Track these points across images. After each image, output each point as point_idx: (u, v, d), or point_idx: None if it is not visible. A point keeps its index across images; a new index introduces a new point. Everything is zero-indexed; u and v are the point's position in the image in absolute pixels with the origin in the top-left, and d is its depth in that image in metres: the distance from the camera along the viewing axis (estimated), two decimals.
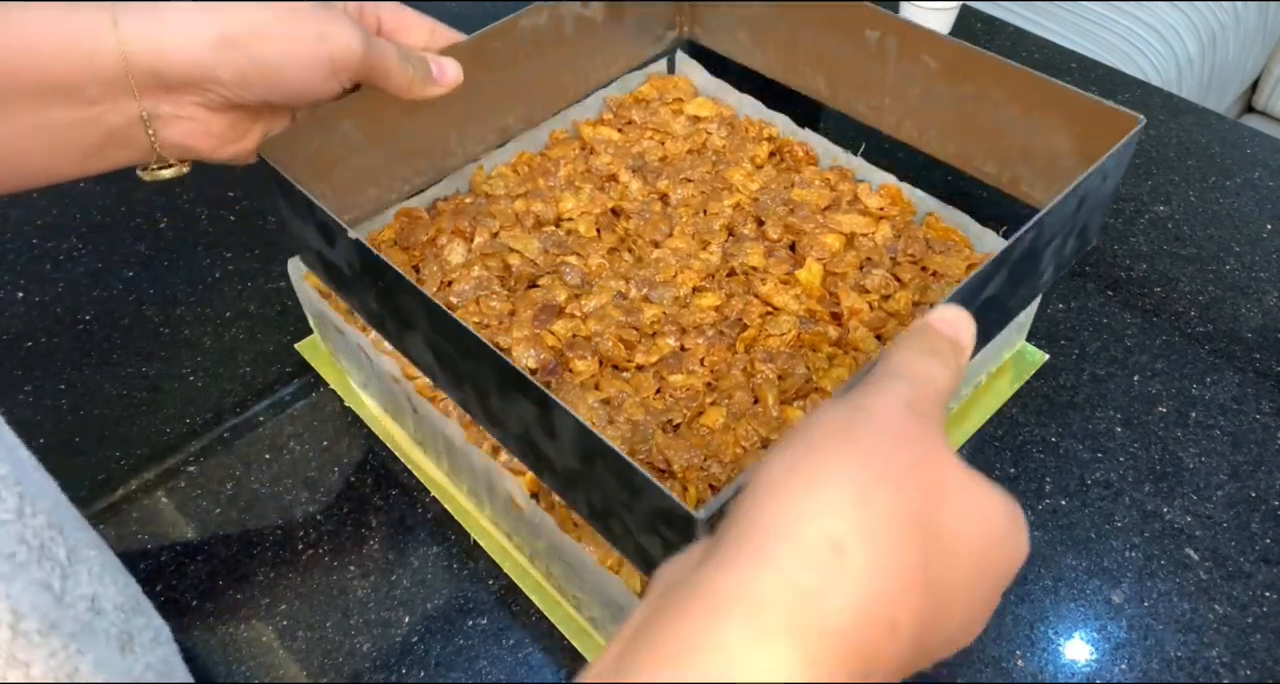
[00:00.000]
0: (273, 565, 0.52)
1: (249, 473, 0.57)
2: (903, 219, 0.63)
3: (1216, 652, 0.49)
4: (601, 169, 0.66)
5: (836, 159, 0.66)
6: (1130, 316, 0.65)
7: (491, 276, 0.59)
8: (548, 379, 0.54)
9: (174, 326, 0.64)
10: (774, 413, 0.52)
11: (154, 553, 0.53)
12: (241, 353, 0.63)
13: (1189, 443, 0.58)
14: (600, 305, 0.58)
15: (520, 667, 0.49)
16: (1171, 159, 0.77)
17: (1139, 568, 0.52)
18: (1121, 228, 0.72)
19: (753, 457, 0.50)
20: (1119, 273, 0.68)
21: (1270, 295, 0.67)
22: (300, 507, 0.55)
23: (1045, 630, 0.50)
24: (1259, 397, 0.60)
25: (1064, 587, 0.52)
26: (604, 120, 0.70)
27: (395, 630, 0.50)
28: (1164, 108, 0.82)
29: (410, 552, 0.53)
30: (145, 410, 0.60)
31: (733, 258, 0.61)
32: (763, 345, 0.56)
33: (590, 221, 0.63)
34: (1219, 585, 0.52)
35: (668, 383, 0.54)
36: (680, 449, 0.51)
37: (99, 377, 0.61)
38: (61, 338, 0.64)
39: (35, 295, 0.66)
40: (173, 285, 0.67)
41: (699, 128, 0.69)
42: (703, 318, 0.57)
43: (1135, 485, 0.56)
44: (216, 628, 0.50)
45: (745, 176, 0.65)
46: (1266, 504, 0.55)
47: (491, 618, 0.51)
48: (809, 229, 0.61)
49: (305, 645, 0.49)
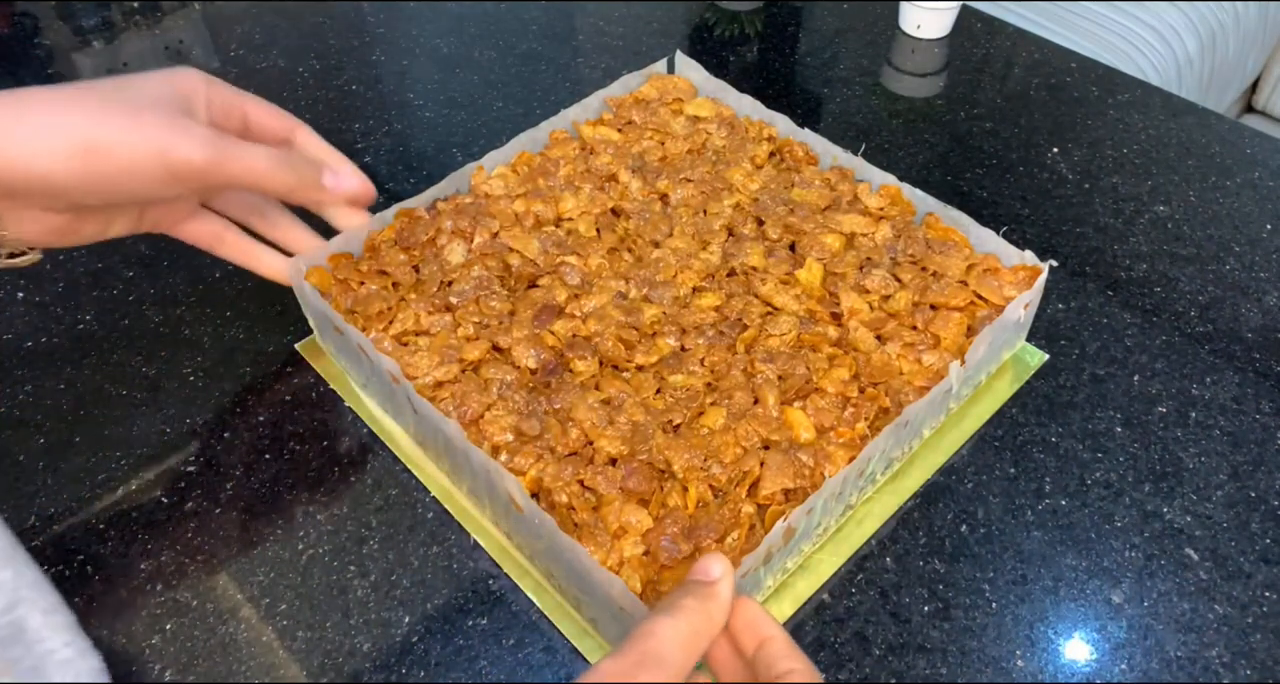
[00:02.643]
0: (273, 565, 0.52)
1: (249, 473, 0.57)
2: (903, 219, 0.63)
3: (1216, 652, 0.49)
4: (601, 169, 0.66)
5: (836, 159, 0.66)
6: (1130, 317, 0.65)
7: (491, 276, 0.59)
8: (548, 379, 0.54)
9: (174, 326, 0.64)
10: (774, 413, 0.52)
11: (154, 553, 0.53)
12: (241, 353, 0.63)
13: (1189, 443, 0.58)
14: (600, 305, 0.58)
15: (520, 667, 0.49)
16: (1171, 159, 0.77)
17: (1139, 568, 0.53)
18: (1121, 228, 0.72)
19: (753, 457, 0.50)
20: (1119, 273, 0.68)
21: (1270, 295, 0.67)
22: (300, 507, 0.55)
23: (1045, 630, 0.50)
24: (1259, 397, 0.60)
25: (1064, 587, 0.52)
26: (604, 120, 0.70)
27: (395, 630, 0.50)
28: (1164, 108, 0.82)
29: (410, 552, 0.53)
30: (145, 410, 0.60)
31: (733, 258, 0.61)
32: (763, 345, 0.56)
33: (590, 221, 0.63)
34: (1219, 585, 0.52)
35: (668, 383, 0.54)
36: (680, 449, 0.51)
37: (99, 377, 0.61)
38: (61, 338, 0.64)
39: (35, 295, 0.66)
40: (173, 285, 0.67)
41: (699, 128, 0.69)
42: (703, 318, 0.57)
43: (1135, 485, 0.56)
44: (217, 628, 0.50)
45: (745, 176, 0.65)
46: (1266, 504, 0.55)
47: (491, 618, 0.51)
48: (809, 229, 0.61)
49: (305, 645, 0.49)
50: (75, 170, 0.45)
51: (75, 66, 0.87)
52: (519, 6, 0.94)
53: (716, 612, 0.38)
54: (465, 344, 0.55)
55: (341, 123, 0.80)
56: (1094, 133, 0.80)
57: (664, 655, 0.35)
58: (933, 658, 0.49)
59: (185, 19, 0.93)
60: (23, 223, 0.48)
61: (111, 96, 0.46)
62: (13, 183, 0.45)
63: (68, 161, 0.45)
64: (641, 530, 0.48)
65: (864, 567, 0.52)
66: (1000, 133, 0.80)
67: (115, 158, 0.45)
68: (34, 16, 0.93)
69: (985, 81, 0.86)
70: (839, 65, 0.87)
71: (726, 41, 0.90)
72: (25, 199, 0.47)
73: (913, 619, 0.50)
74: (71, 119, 0.45)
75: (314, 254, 0.58)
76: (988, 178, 0.76)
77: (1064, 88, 0.84)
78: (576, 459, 0.51)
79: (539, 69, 0.86)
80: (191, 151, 0.47)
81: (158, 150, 0.46)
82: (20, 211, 0.47)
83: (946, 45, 0.89)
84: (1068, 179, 0.75)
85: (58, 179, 0.45)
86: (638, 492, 0.49)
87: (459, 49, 0.89)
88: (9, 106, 0.44)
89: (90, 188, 0.46)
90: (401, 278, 0.59)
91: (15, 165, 0.44)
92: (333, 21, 0.92)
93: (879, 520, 0.54)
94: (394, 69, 0.87)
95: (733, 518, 0.48)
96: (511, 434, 0.51)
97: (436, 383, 0.54)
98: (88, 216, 0.50)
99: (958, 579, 0.52)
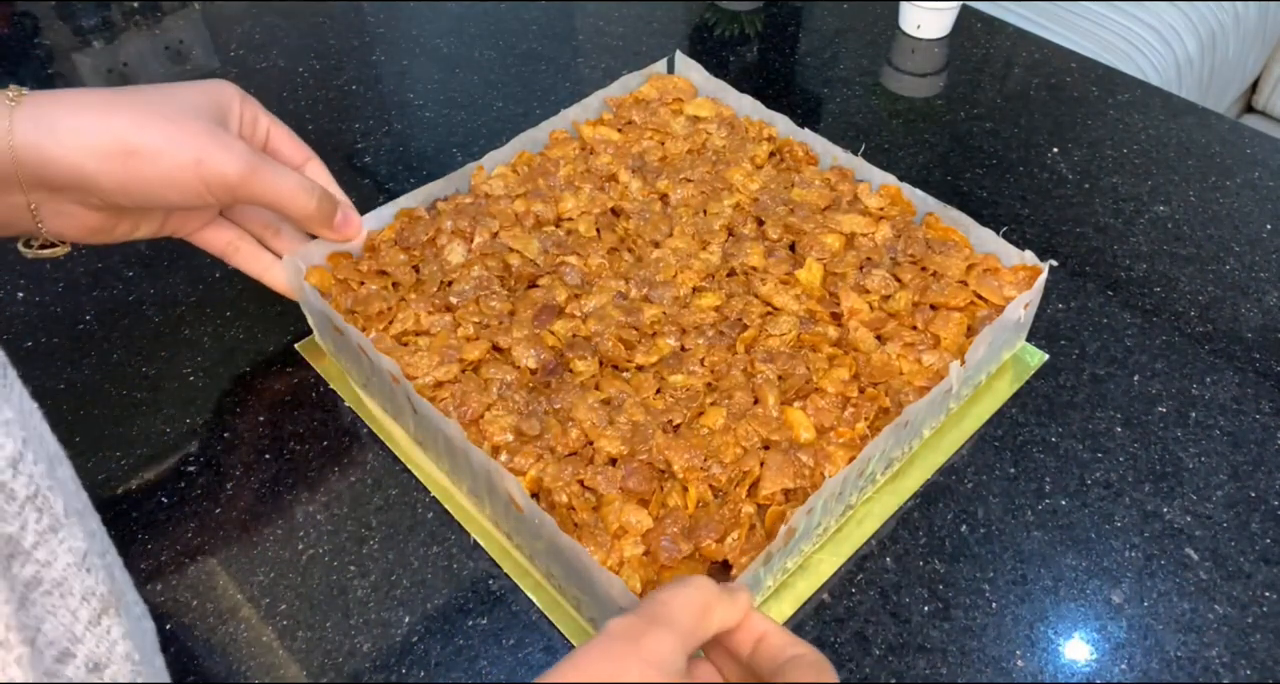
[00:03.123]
0: (273, 565, 0.52)
1: (249, 473, 0.57)
2: (903, 219, 0.63)
3: (1216, 652, 0.49)
4: (601, 169, 0.66)
5: (836, 159, 0.66)
6: (1130, 317, 0.65)
7: (491, 276, 0.59)
8: (548, 379, 0.54)
9: (174, 326, 0.64)
10: (774, 413, 0.52)
11: (154, 553, 0.53)
12: (241, 353, 0.63)
13: (1189, 443, 0.58)
14: (600, 305, 0.58)
15: (520, 667, 0.49)
16: (1171, 159, 0.77)
17: (1139, 568, 0.53)
18: (1121, 228, 0.72)
19: (753, 457, 0.50)
20: (1119, 273, 0.68)
21: (1270, 295, 0.67)
22: (300, 507, 0.55)
23: (1045, 630, 0.50)
24: (1259, 397, 0.60)
25: (1064, 587, 0.52)
26: (604, 120, 0.70)
27: (395, 630, 0.50)
28: (1164, 108, 0.82)
29: (410, 552, 0.53)
30: (145, 410, 0.60)
31: (733, 258, 0.61)
32: (763, 345, 0.56)
33: (590, 221, 0.63)
34: (1219, 585, 0.52)
35: (668, 383, 0.54)
36: (680, 449, 0.51)
37: (99, 377, 0.61)
38: (61, 338, 0.64)
39: (35, 295, 0.66)
40: (173, 285, 0.67)
41: (699, 128, 0.69)
42: (703, 318, 0.57)
43: (1135, 485, 0.56)
44: (217, 628, 0.50)
45: (745, 176, 0.65)
46: (1266, 504, 0.55)
47: (491, 618, 0.51)
48: (809, 229, 0.61)
49: (305, 645, 0.49)
50: (115, 172, 0.47)
51: (75, 66, 0.87)
52: (519, 6, 0.94)
53: (730, 597, 0.38)
54: (465, 344, 0.55)
55: (341, 123, 0.80)
56: (1094, 133, 0.80)
57: (676, 618, 0.35)
58: (933, 658, 0.49)
59: (185, 19, 0.93)
60: (59, 218, 0.50)
61: (154, 102, 0.48)
62: (55, 178, 0.47)
63: (108, 163, 0.46)
64: (641, 530, 0.48)
65: (864, 567, 0.52)
66: (1000, 133, 0.80)
67: (154, 163, 0.47)
68: (34, 16, 0.93)
69: (985, 81, 0.86)
70: (839, 65, 0.87)
71: (726, 41, 0.90)
72: (65, 195, 0.48)
73: (913, 619, 0.50)
74: (114, 122, 0.46)
75: (311, 252, 0.58)
76: (988, 178, 0.76)
77: (1064, 88, 0.84)
78: (576, 459, 0.51)
79: (539, 69, 0.86)
80: (227, 165, 0.48)
81: (194, 159, 0.48)
82: (59, 206, 0.49)
83: (946, 45, 0.89)
84: (1068, 179, 0.75)
85: (98, 179, 0.47)
86: (638, 492, 0.49)
87: (459, 49, 0.89)
88: (55, 105, 0.46)
89: (127, 190, 0.48)
90: (401, 278, 0.59)
91: (60, 162, 0.46)
92: (333, 21, 0.92)
93: (879, 520, 0.54)
94: (394, 69, 0.87)
95: (733, 518, 0.48)
96: (511, 434, 0.51)
97: (436, 383, 0.54)
98: (120, 217, 0.52)
99: (958, 579, 0.52)
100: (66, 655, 0.31)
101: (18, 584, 0.29)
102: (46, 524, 0.30)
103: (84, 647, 0.32)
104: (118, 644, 0.33)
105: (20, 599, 0.28)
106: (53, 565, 0.31)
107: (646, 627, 0.35)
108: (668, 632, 0.35)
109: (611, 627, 0.35)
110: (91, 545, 0.35)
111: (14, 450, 0.28)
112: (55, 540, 0.31)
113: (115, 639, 0.33)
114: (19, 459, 0.29)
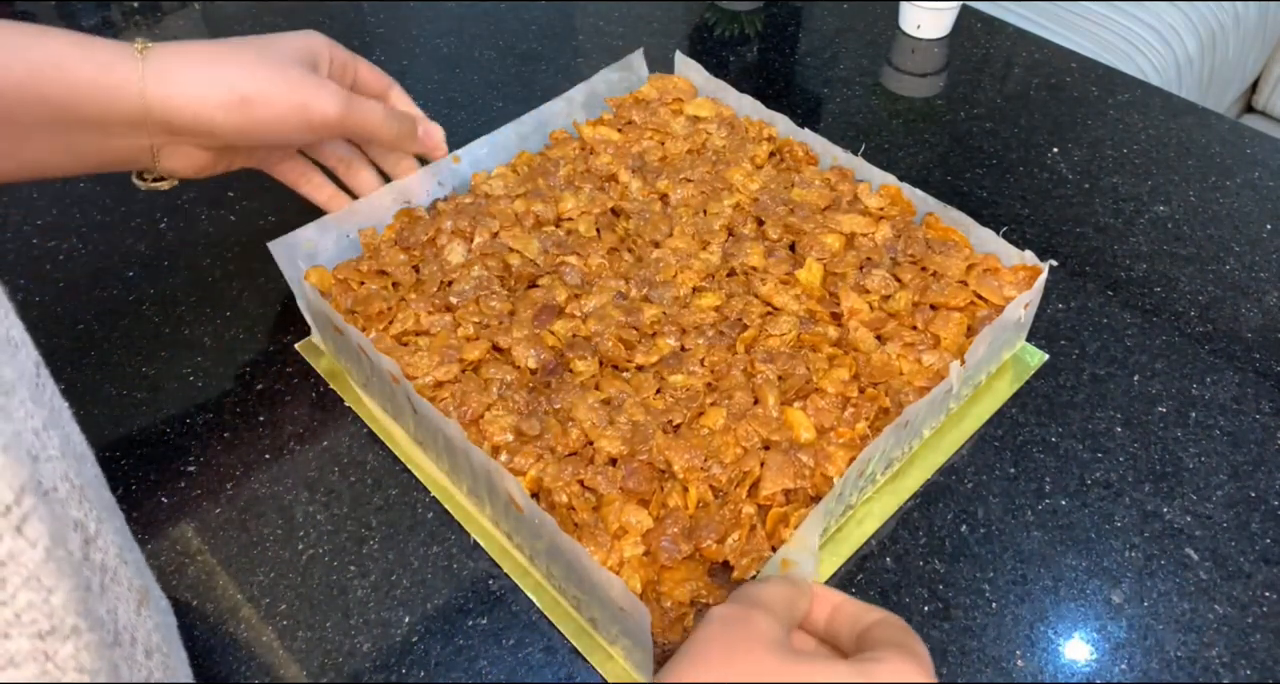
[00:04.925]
0: (273, 565, 0.52)
1: (249, 473, 0.57)
2: (903, 219, 0.63)
3: (1216, 652, 0.49)
4: (601, 169, 0.66)
5: (836, 159, 0.66)
6: (1130, 317, 0.65)
7: (491, 276, 0.59)
8: (548, 379, 0.54)
9: (174, 326, 0.64)
10: (774, 413, 0.52)
11: (154, 553, 0.53)
12: (241, 353, 0.63)
13: (1189, 443, 0.58)
14: (600, 305, 0.58)
15: (520, 667, 0.49)
16: (1171, 159, 0.77)
17: (1139, 568, 0.52)
18: (1121, 228, 0.72)
19: (753, 457, 0.50)
20: (1119, 273, 0.68)
21: (1270, 295, 0.67)
22: (300, 507, 0.55)
23: (1045, 630, 0.50)
24: (1259, 397, 0.60)
25: (1064, 587, 0.52)
26: (604, 120, 0.70)
27: (395, 630, 0.50)
28: (1163, 108, 0.82)
29: (410, 552, 0.53)
30: (145, 410, 0.60)
31: (733, 258, 0.61)
32: (763, 345, 0.56)
33: (590, 221, 0.63)
34: (1219, 585, 0.52)
35: (668, 383, 0.54)
36: (680, 450, 0.51)
37: (99, 376, 0.61)
38: (61, 338, 0.64)
39: (35, 295, 0.66)
40: (173, 285, 0.67)
41: (699, 128, 0.69)
42: (703, 318, 0.57)
43: (1135, 485, 0.56)
44: (217, 628, 0.50)
45: (745, 176, 0.65)
46: (1266, 504, 0.55)
47: (491, 618, 0.51)
48: (809, 229, 0.61)
49: (305, 645, 0.49)
50: (234, 117, 0.52)
51: None
52: (519, 6, 0.94)
53: (802, 587, 0.43)
54: (465, 344, 0.55)
55: None
56: (1094, 133, 0.80)
57: (771, 603, 0.41)
58: (933, 658, 0.49)
59: (185, 19, 0.93)
60: (175, 157, 0.56)
61: (263, 53, 0.54)
62: (179, 124, 0.52)
63: (226, 110, 0.52)
64: (641, 531, 0.48)
65: (864, 567, 0.52)
66: (1000, 133, 0.80)
67: (266, 108, 0.53)
68: (34, 16, 0.93)
69: (985, 81, 0.86)
70: (839, 65, 0.87)
71: (726, 41, 0.90)
72: (185, 138, 0.54)
73: (913, 619, 0.50)
74: (229, 71, 0.52)
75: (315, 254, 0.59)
76: (988, 178, 0.76)
77: (1064, 88, 0.84)
78: (576, 459, 0.51)
79: (539, 69, 0.86)
80: (328, 106, 0.54)
81: (300, 103, 0.54)
82: (176, 147, 0.55)
83: (946, 45, 0.89)
84: (1068, 179, 0.75)
85: (217, 124, 0.52)
86: (638, 492, 0.49)
87: (459, 49, 0.89)
88: (175, 56, 0.51)
89: (243, 133, 0.53)
90: (401, 278, 0.59)
91: (184, 110, 0.51)
92: (332, 21, 0.92)
93: (879, 520, 0.54)
94: (394, 69, 0.86)
95: (733, 518, 0.48)
96: (511, 434, 0.51)
97: (436, 383, 0.54)
98: (225, 154, 0.58)
99: (958, 579, 0.52)
100: (133, 642, 0.32)
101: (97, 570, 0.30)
102: (96, 515, 0.31)
103: (141, 633, 0.33)
104: (152, 634, 0.34)
105: (88, 585, 0.29)
106: (109, 554, 0.32)
107: (749, 610, 0.40)
108: (768, 613, 0.40)
109: (716, 612, 0.40)
110: (124, 540, 0.35)
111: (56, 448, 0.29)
112: (108, 530, 0.32)
113: (150, 629, 0.34)
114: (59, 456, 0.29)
